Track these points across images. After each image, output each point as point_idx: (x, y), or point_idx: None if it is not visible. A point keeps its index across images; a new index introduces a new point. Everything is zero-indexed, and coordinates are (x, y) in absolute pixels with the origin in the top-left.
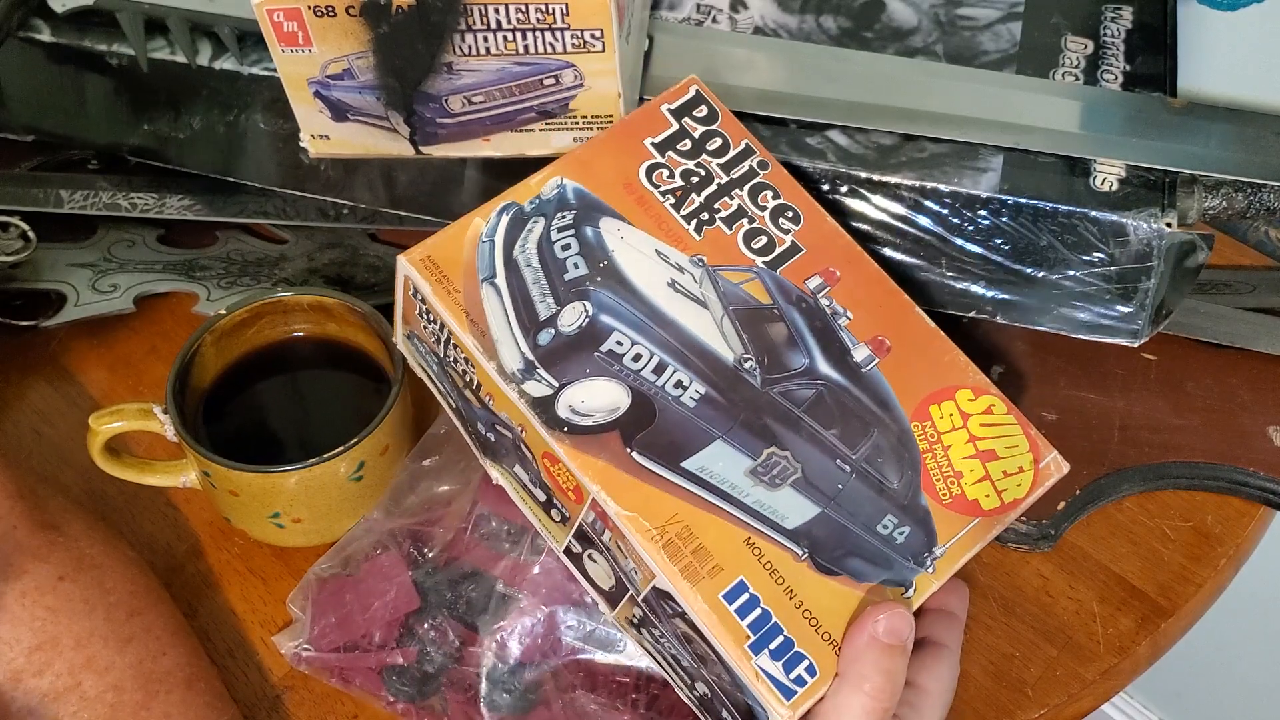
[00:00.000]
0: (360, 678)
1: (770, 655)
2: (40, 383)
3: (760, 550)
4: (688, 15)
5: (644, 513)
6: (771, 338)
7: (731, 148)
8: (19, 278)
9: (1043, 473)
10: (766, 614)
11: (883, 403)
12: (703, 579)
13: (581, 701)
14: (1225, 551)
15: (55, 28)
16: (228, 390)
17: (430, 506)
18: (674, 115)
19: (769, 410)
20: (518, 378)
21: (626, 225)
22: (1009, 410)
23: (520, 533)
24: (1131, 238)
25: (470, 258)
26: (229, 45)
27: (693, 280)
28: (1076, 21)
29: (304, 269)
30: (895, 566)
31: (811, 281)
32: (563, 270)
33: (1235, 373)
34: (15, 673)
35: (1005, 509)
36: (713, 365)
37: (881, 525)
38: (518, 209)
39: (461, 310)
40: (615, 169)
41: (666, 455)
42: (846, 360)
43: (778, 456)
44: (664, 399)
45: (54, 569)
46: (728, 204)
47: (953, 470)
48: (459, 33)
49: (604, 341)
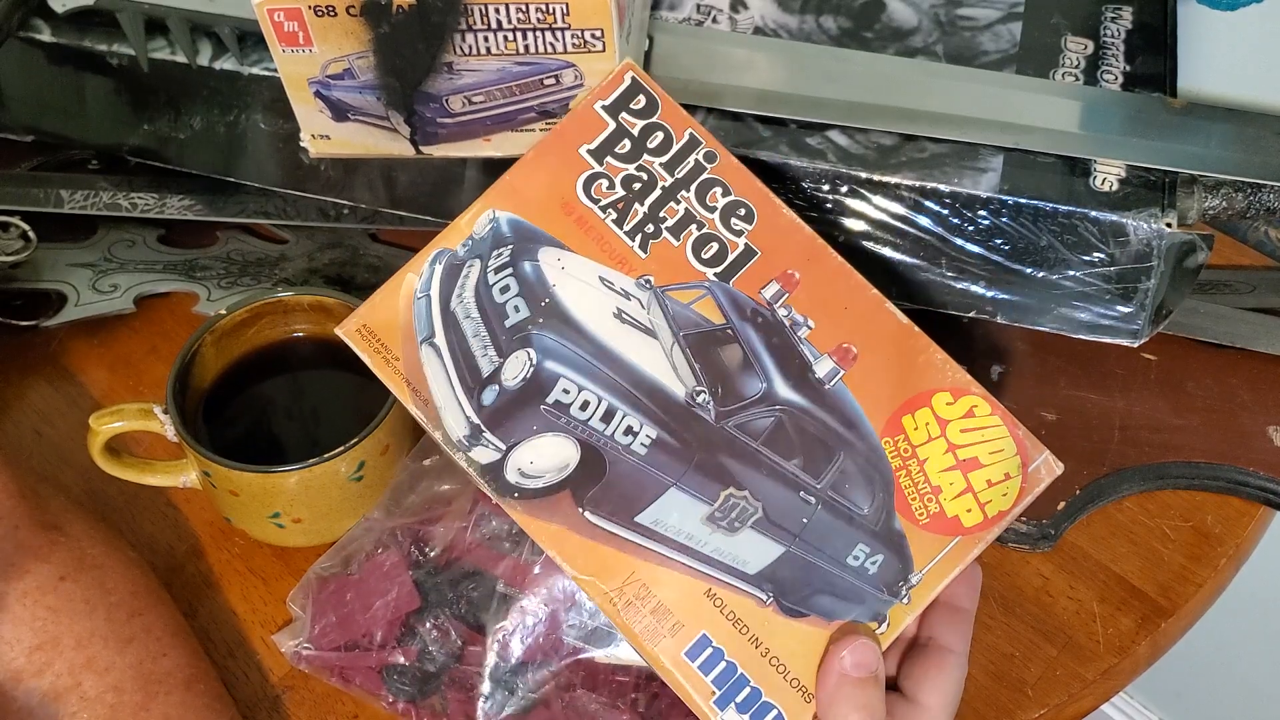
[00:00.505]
0: (360, 677)
1: (737, 709)
2: (40, 383)
3: (721, 600)
4: (688, 15)
5: (600, 575)
6: (725, 363)
7: (675, 141)
8: (19, 278)
9: (1032, 477)
10: (732, 666)
11: (849, 421)
12: (663, 639)
13: (582, 701)
14: (1225, 551)
15: (55, 28)
16: (228, 390)
17: (431, 506)
18: (609, 113)
19: (724, 448)
20: (464, 445)
21: (567, 252)
22: (994, 410)
23: (521, 533)
24: (1131, 238)
25: (407, 318)
26: (229, 45)
27: (640, 307)
28: (1076, 21)
29: (304, 269)
30: (867, 600)
31: (768, 290)
32: (503, 316)
33: (1235, 373)
34: (16, 672)
35: (988, 523)
36: (663, 404)
37: (852, 556)
38: (450, 255)
39: (402, 380)
40: (550, 188)
41: (619, 511)
42: (808, 378)
43: (735, 498)
44: (614, 450)
45: (55, 569)
46: (674, 210)
47: (930, 486)
48: (459, 32)
49: (550, 391)
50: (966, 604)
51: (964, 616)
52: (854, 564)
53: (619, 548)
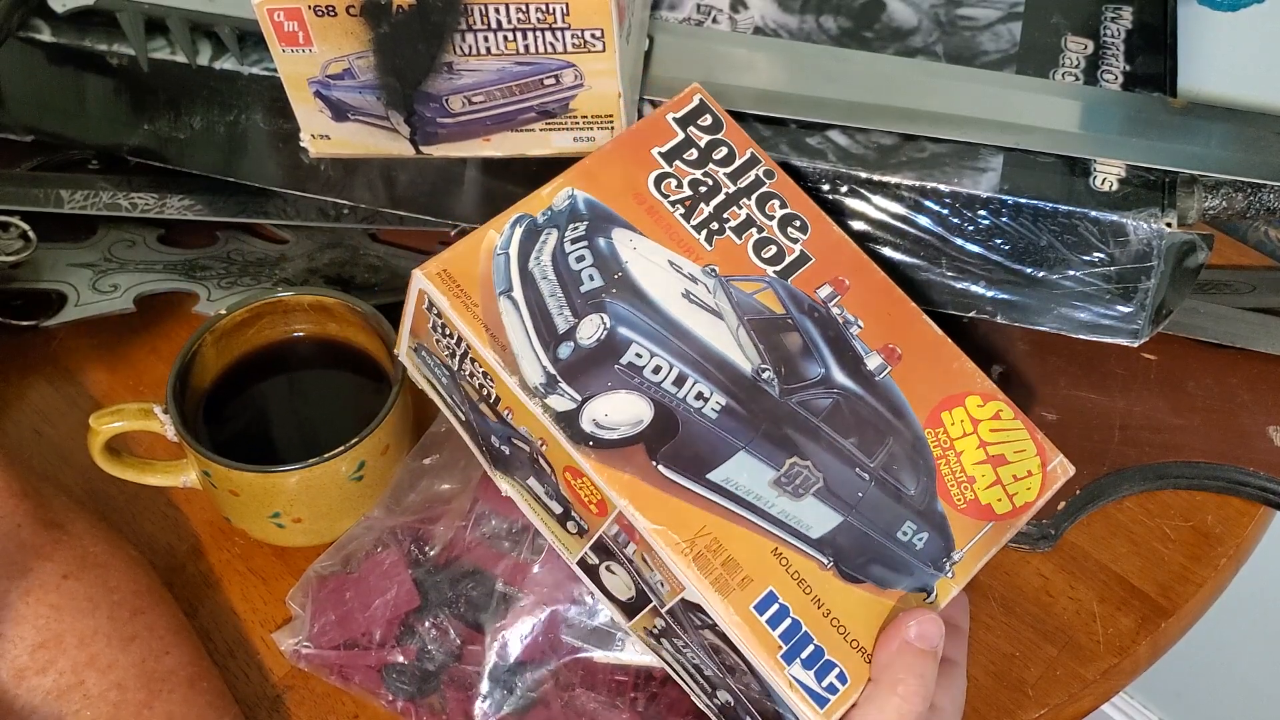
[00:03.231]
0: (360, 675)
1: (802, 664)
2: (40, 383)
3: (787, 560)
4: (688, 15)
5: (672, 526)
6: (787, 347)
7: (737, 157)
8: (19, 278)
9: (1050, 475)
10: (796, 624)
11: (896, 410)
12: (734, 591)
13: (581, 700)
14: (1225, 551)
15: (55, 28)
16: (228, 390)
17: (431, 505)
18: (679, 124)
19: (789, 420)
20: (540, 392)
21: (639, 236)
22: (1016, 415)
23: (521, 531)
24: (1131, 238)
25: (486, 271)
26: (229, 45)
27: (706, 291)
28: (1076, 21)
29: (304, 269)
30: (916, 572)
31: (822, 290)
32: (578, 282)
33: (1235, 373)
34: (19, 670)
35: (1017, 512)
36: (731, 376)
37: (901, 532)
38: (530, 221)
39: (481, 325)
40: (624, 179)
41: (692, 468)
42: (860, 369)
43: (800, 466)
44: (686, 411)
45: (58, 567)
46: (736, 213)
47: (966, 476)
48: (459, 32)
49: (623, 354)
50: (962, 623)
51: (961, 634)
52: (903, 539)
53: (691, 501)
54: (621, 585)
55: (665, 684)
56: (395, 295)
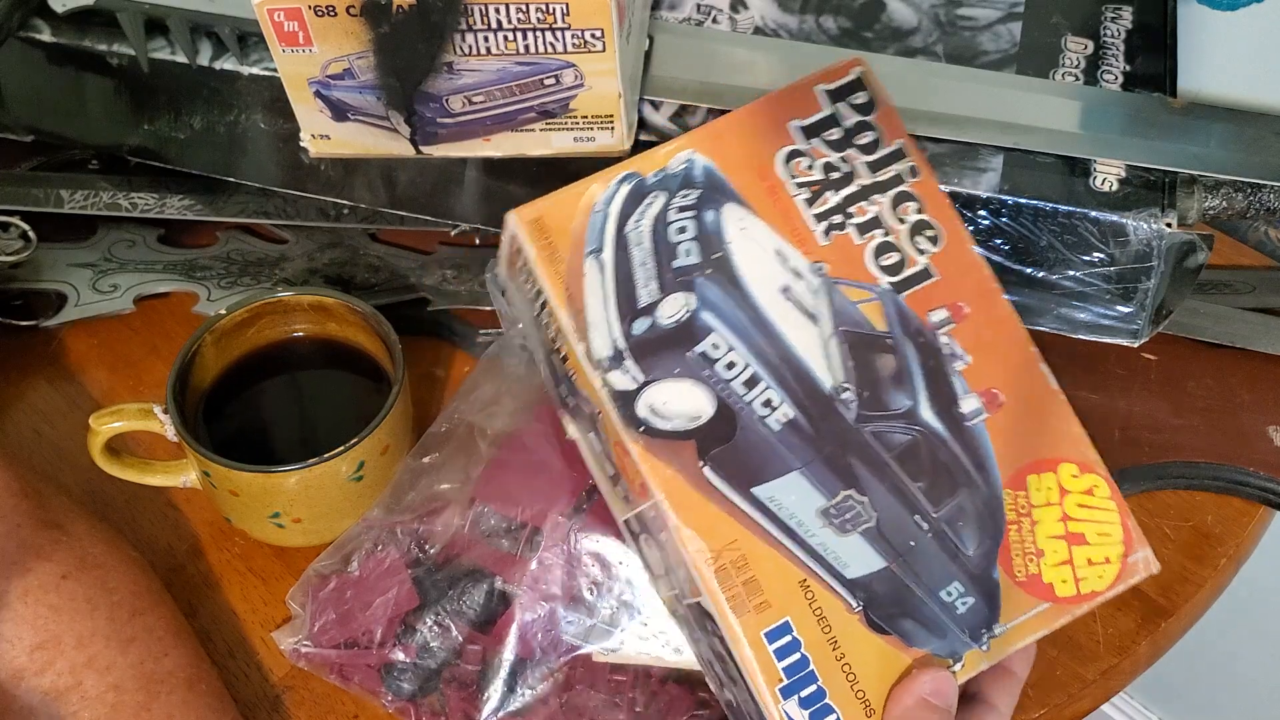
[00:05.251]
0: (359, 675)
1: (800, 703)
2: (40, 383)
3: (813, 594)
4: (688, 15)
5: (703, 531)
6: (878, 370)
7: (883, 145)
8: (19, 278)
9: (1128, 568)
10: (805, 660)
11: (979, 463)
12: (748, 612)
13: (581, 699)
14: (1225, 551)
15: (56, 28)
16: (228, 390)
17: (430, 504)
18: (829, 98)
19: (857, 450)
20: (604, 365)
21: (751, 216)
22: (1111, 495)
23: (519, 529)
24: (1131, 238)
25: (581, 226)
26: (229, 45)
27: (808, 290)
28: (1076, 21)
29: (304, 269)
30: (949, 637)
31: (936, 314)
32: (673, 255)
33: (1235, 373)
34: (17, 671)
35: (1079, 599)
36: (808, 389)
37: (946, 591)
38: (639, 180)
39: (562, 283)
40: (752, 150)
41: (739, 477)
42: (952, 410)
43: (855, 501)
44: (749, 416)
45: (58, 567)
46: (865, 209)
47: (1035, 548)
48: (459, 32)
49: (700, 341)
50: (1019, 670)
51: (1015, 681)
52: (946, 599)
53: (729, 512)
54: (656, 561)
55: (664, 683)
56: (395, 295)
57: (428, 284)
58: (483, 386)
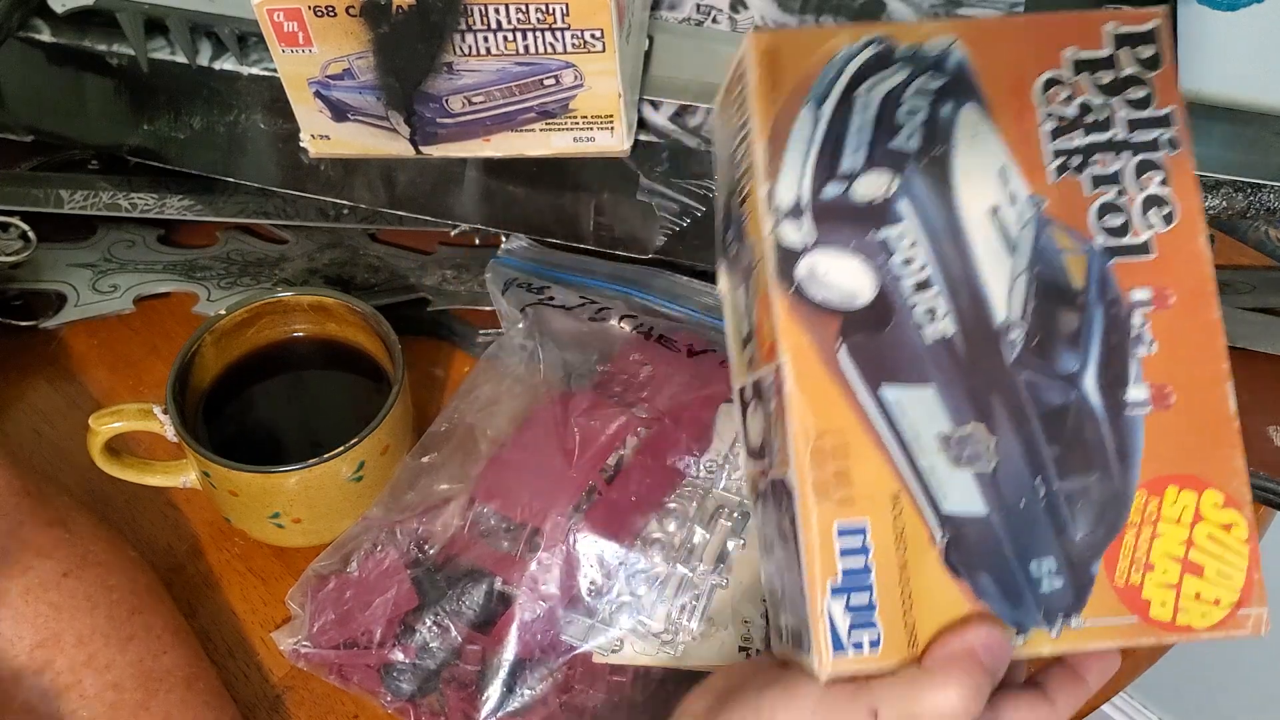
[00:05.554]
0: (359, 675)
1: (846, 607)
2: (40, 383)
3: (901, 512)
4: (688, 15)
5: (814, 408)
6: (1057, 324)
7: (1152, 106)
8: (19, 278)
9: (1236, 620)
10: (867, 570)
11: (1124, 454)
12: (829, 501)
13: (580, 699)
14: None
15: (55, 28)
16: (228, 390)
17: (430, 504)
18: (1114, 40)
19: (1003, 391)
20: (781, 213)
21: (988, 125)
22: (1249, 540)
23: (519, 529)
24: None
25: (812, 71)
26: (229, 45)
27: (1017, 218)
28: None
29: (304, 269)
30: (1023, 608)
31: (1139, 293)
32: (893, 134)
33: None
34: (16, 670)
35: (1171, 629)
36: (977, 314)
37: (1037, 563)
38: (888, 47)
39: (771, 119)
40: (1016, 61)
41: (871, 370)
42: (1117, 391)
43: (980, 438)
44: (905, 317)
45: (59, 565)
46: (1106, 163)
47: (1147, 560)
48: (459, 33)
49: (886, 226)
50: (1091, 680)
51: (1082, 688)
52: (1034, 571)
53: (847, 400)
54: (757, 431)
55: (663, 683)
56: (395, 295)
57: (427, 284)
58: (483, 386)
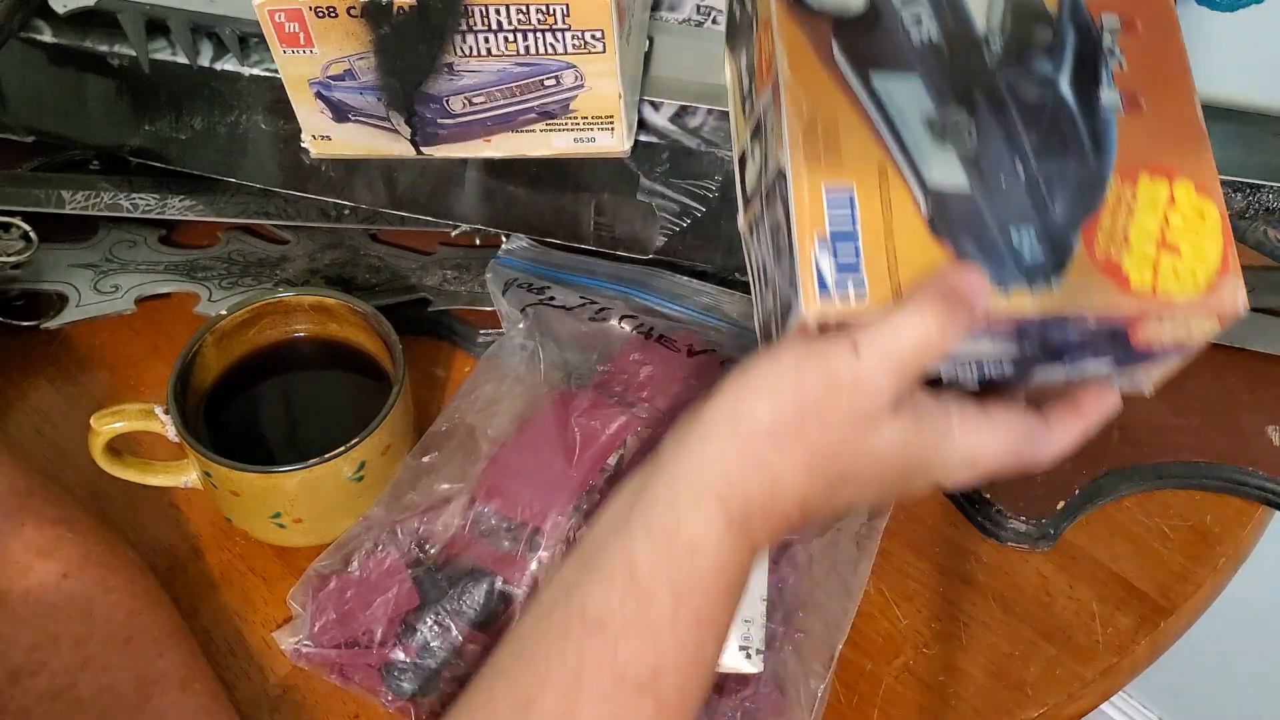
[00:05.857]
0: (360, 675)
1: (833, 257)
2: (41, 383)
3: (888, 183)
4: (688, 16)
5: (808, 91)
6: (1034, 38)
7: None
8: (21, 278)
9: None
10: (853, 232)
11: (1098, 144)
12: (819, 168)
13: None
14: (1225, 551)
15: (57, 29)
16: (229, 390)
17: (430, 503)
18: None
19: (985, 85)
20: None
21: None
22: (1221, 223)
23: (519, 529)
24: None
25: None
26: (230, 46)
27: None
28: None
29: (305, 269)
30: (1004, 269)
31: (1108, 19)
32: None
33: (1235, 372)
34: (13, 672)
35: (1151, 297)
36: (960, 25)
37: (1016, 230)
38: None
39: None
40: None
41: (861, 60)
42: (1091, 95)
43: (963, 122)
44: (894, 21)
45: (59, 565)
46: None
47: (1124, 237)
48: (460, 33)
49: None
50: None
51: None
52: (1015, 238)
53: (839, 88)
54: (753, 173)
55: None
56: (396, 296)
57: (428, 284)
58: (483, 386)
